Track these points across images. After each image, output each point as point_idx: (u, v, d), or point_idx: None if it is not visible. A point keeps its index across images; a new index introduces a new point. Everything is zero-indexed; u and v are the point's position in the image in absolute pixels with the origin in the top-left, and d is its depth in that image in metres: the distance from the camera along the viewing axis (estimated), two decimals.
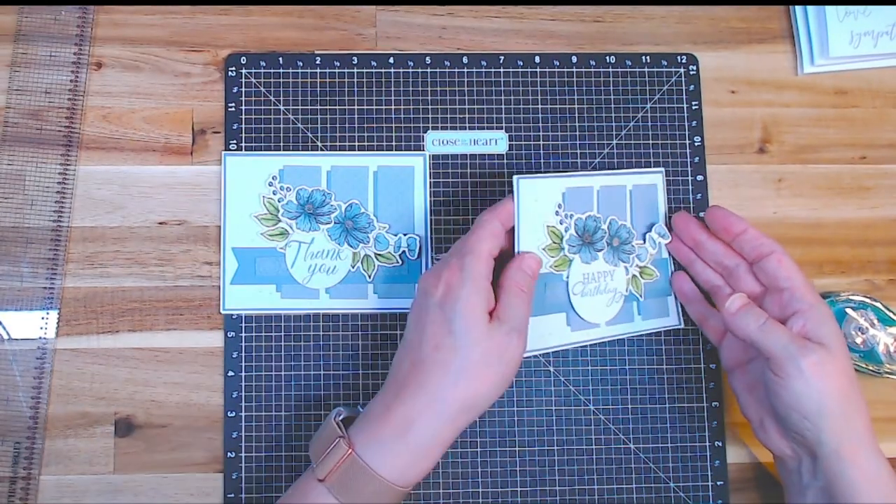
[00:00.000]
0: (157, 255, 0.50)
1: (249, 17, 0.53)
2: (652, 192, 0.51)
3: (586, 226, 0.48)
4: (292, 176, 0.51)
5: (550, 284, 0.47)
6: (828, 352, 0.41)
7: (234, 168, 0.51)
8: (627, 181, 0.50)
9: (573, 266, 0.47)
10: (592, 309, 0.48)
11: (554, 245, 0.46)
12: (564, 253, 0.47)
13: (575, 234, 0.47)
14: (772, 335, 0.41)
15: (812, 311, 0.42)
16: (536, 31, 0.54)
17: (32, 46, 0.52)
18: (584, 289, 0.48)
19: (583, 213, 0.48)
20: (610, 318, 0.49)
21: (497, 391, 0.41)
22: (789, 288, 0.43)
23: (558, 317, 0.47)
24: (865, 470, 0.40)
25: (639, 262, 0.50)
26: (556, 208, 0.47)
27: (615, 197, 0.49)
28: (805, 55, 0.54)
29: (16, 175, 0.50)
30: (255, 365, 0.49)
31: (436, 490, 0.49)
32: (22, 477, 0.48)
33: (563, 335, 0.48)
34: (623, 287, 0.49)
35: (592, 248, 0.48)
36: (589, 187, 0.48)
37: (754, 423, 0.45)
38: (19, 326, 0.49)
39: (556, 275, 0.47)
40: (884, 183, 0.54)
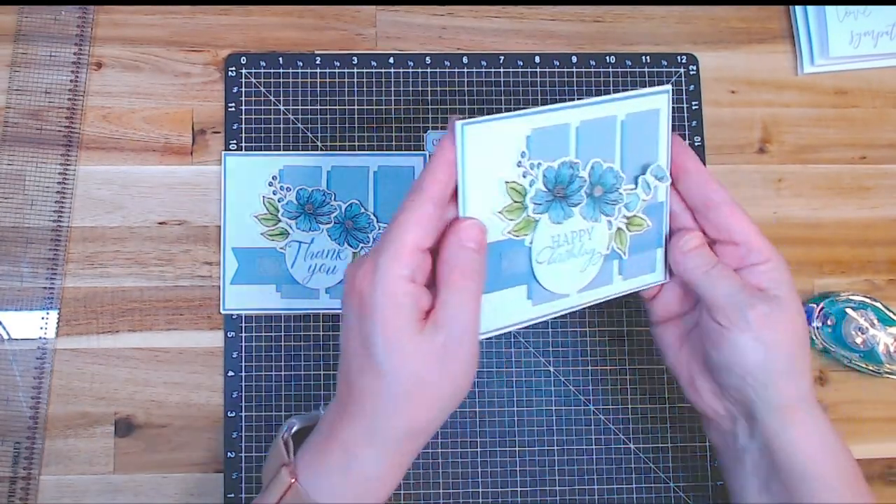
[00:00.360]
0: (157, 255, 0.50)
1: (249, 17, 0.53)
2: (652, 121, 0.39)
3: (559, 176, 0.37)
4: (292, 176, 0.51)
5: (507, 254, 0.37)
6: (779, 304, 0.37)
7: (234, 168, 0.51)
8: (619, 109, 0.38)
9: (539, 228, 0.38)
10: (562, 277, 0.39)
11: (515, 205, 0.37)
12: (528, 214, 0.37)
13: (543, 189, 0.37)
14: (721, 280, 0.38)
15: (768, 265, 0.38)
16: (536, 31, 0.54)
17: (32, 46, 0.52)
18: (552, 255, 0.38)
19: (554, 161, 0.37)
20: (584, 284, 0.40)
21: (444, 412, 0.34)
22: (745, 242, 0.38)
23: (517, 290, 0.38)
24: (807, 429, 0.37)
25: (626, 213, 0.40)
26: (519, 158, 0.36)
27: (601, 133, 0.38)
28: (805, 55, 0.54)
29: (16, 175, 0.50)
30: (255, 365, 0.49)
31: (436, 490, 0.49)
32: (22, 477, 0.48)
33: (523, 311, 0.38)
34: (604, 246, 0.39)
35: (566, 203, 0.38)
36: (564, 125, 0.37)
37: (683, 380, 0.41)
38: (19, 326, 0.49)
39: (516, 241, 0.37)
40: (884, 183, 0.54)
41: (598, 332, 0.50)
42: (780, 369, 0.37)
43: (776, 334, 0.37)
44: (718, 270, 0.38)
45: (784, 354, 0.37)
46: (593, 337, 0.50)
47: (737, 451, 0.39)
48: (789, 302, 0.37)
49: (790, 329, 0.37)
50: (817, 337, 0.50)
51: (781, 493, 0.37)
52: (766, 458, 0.38)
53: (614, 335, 0.50)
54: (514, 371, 0.50)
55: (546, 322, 0.50)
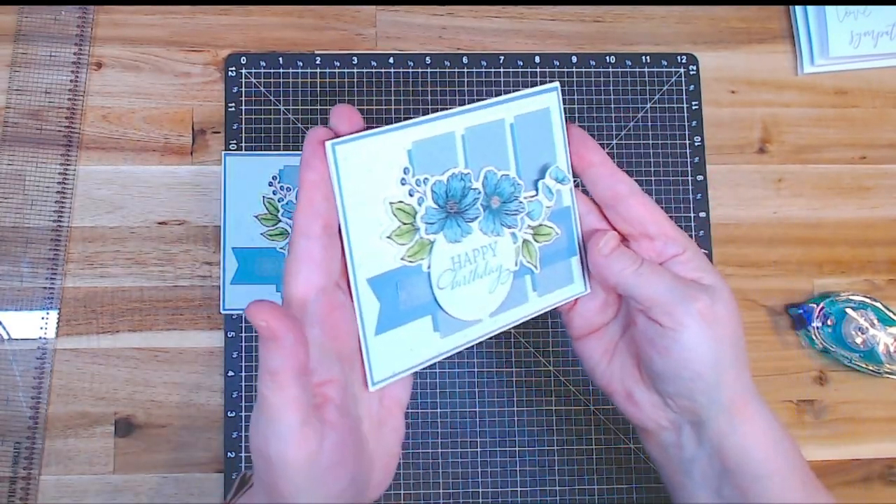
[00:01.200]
0: (157, 255, 0.50)
1: (249, 17, 0.53)
2: (543, 122, 0.36)
3: (449, 189, 0.34)
4: (292, 176, 0.51)
5: (404, 283, 0.33)
6: (715, 292, 0.34)
7: (234, 168, 0.51)
8: (505, 112, 0.35)
9: (435, 251, 0.33)
10: (469, 302, 0.35)
11: (405, 228, 0.33)
12: (420, 235, 0.33)
13: (434, 206, 0.33)
14: (653, 277, 0.34)
15: (689, 254, 0.35)
16: (536, 31, 0.54)
17: (32, 46, 0.52)
18: (454, 277, 0.34)
19: (443, 174, 0.34)
20: (495, 307, 0.35)
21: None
22: (660, 233, 0.35)
23: (421, 323, 0.34)
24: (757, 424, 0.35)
25: (531, 222, 0.36)
26: (402, 175, 0.32)
27: (490, 138, 0.35)
28: (805, 55, 0.54)
29: (16, 175, 0.50)
30: (255, 365, 0.49)
31: (436, 490, 0.49)
32: (22, 477, 0.48)
33: (430, 345, 0.34)
34: (511, 261, 0.35)
35: (462, 219, 0.34)
36: (448, 134, 0.34)
37: (619, 396, 0.37)
38: (19, 326, 0.49)
39: (412, 267, 0.33)
40: (884, 183, 0.54)
41: None
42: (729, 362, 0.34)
43: (722, 326, 0.34)
44: (648, 268, 0.34)
45: (731, 345, 0.34)
46: None
47: (682, 462, 0.37)
48: (722, 288, 0.35)
49: (731, 317, 0.34)
50: (817, 337, 0.50)
51: (734, 496, 0.35)
52: (716, 464, 0.35)
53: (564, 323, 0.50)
54: (514, 371, 0.50)
55: (546, 322, 0.50)
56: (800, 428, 0.51)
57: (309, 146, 0.29)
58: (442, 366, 0.50)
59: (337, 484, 0.29)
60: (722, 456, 0.35)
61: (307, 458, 0.27)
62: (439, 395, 0.50)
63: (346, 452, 0.29)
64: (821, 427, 0.51)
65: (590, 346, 0.38)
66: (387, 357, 0.33)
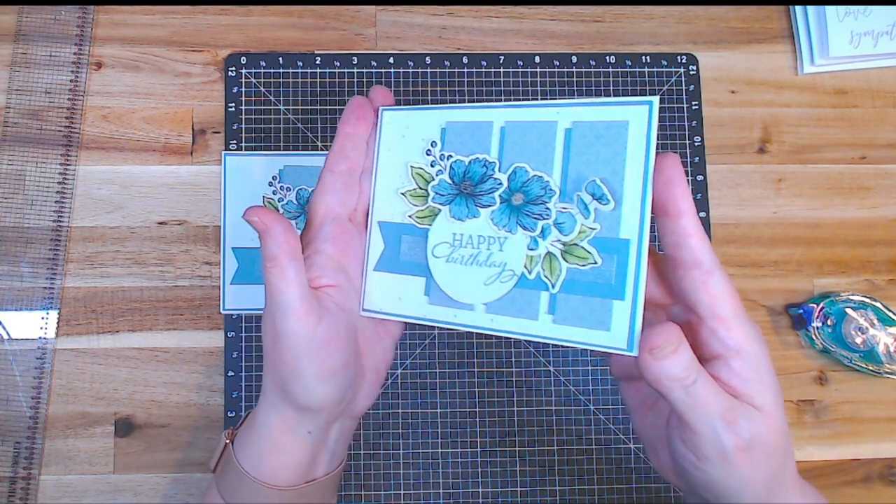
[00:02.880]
0: (157, 255, 0.50)
1: (249, 17, 0.53)
2: (616, 137, 0.31)
3: (468, 171, 0.34)
4: (292, 176, 0.51)
5: (407, 239, 0.36)
6: (761, 427, 0.29)
7: (234, 168, 0.50)
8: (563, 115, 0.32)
9: (438, 220, 0.35)
10: (460, 282, 0.35)
11: (419, 191, 0.36)
12: (430, 202, 0.35)
13: (448, 181, 0.35)
14: (703, 403, 0.28)
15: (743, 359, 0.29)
16: (536, 31, 0.54)
17: (32, 46, 0.52)
18: (451, 253, 0.35)
19: (467, 156, 0.35)
20: (490, 300, 0.34)
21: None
22: (713, 318, 0.29)
23: (415, 281, 0.36)
24: None
25: (560, 236, 0.32)
26: (429, 146, 0.35)
27: (534, 138, 0.33)
28: (805, 55, 0.54)
29: (16, 175, 0.50)
30: (256, 365, 0.49)
31: (436, 490, 0.49)
32: (22, 477, 0.48)
33: (419, 306, 0.35)
34: (518, 263, 0.33)
35: (472, 202, 0.34)
36: (486, 122, 0.34)
37: (647, 445, 0.34)
38: (19, 326, 0.49)
39: (418, 228, 0.36)
40: (884, 183, 0.54)
41: None
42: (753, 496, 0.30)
43: (756, 469, 0.29)
44: (703, 386, 0.28)
45: (761, 485, 0.30)
46: None
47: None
48: (774, 415, 0.29)
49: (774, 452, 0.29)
50: (817, 337, 0.50)
51: None
52: None
53: None
54: (514, 371, 0.50)
55: None
56: (800, 428, 0.51)
57: (351, 106, 0.36)
58: (442, 366, 0.50)
59: (330, 360, 0.33)
60: None
61: (306, 330, 0.33)
62: (439, 395, 0.50)
63: (340, 335, 0.34)
64: (821, 427, 0.51)
65: (630, 389, 0.35)
66: (379, 293, 0.36)
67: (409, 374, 0.50)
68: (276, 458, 0.35)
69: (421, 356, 0.50)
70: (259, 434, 0.36)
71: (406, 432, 0.49)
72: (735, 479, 0.29)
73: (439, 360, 0.50)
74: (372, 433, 0.49)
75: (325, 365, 0.33)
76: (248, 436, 0.36)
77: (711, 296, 0.29)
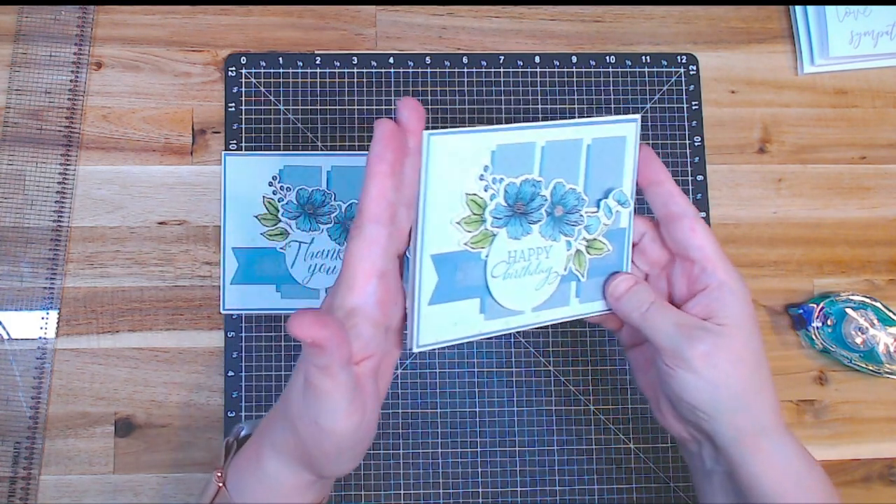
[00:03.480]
0: (157, 255, 0.50)
1: (249, 17, 0.53)
2: (618, 148, 0.39)
3: (520, 192, 0.37)
4: (292, 176, 0.51)
5: (462, 265, 0.37)
6: (722, 337, 0.35)
7: (234, 168, 0.51)
8: (586, 133, 0.38)
9: (496, 242, 0.37)
10: (516, 294, 0.38)
11: (473, 217, 0.36)
12: (486, 227, 0.37)
13: (503, 204, 0.37)
14: (656, 322, 0.36)
15: (718, 290, 0.36)
16: (536, 31, 0.54)
17: (32, 46, 0.52)
18: (507, 270, 0.38)
19: (517, 177, 0.37)
20: (538, 303, 0.39)
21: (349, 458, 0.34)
22: (700, 259, 0.36)
23: (470, 303, 0.37)
24: (770, 459, 0.36)
25: (587, 235, 0.39)
26: (482, 171, 0.36)
27: (566, 154, 0.38)
28: (805, 55, 0.54)
29: (16, 175, 0.50)
30: (255, 365, 0.49)
31: (436, 490, 0.49)
32: (22, 477, 0.48)
33: (474, 324, 0.38)
34: (561, 266, 0.39)
35: (526, 220, 0.38)
36: (530, 143, 0.37)
37: (652, 402, 0.40)
38: (19, 326, 0.49)
39: (472, 253, 0.37)
40: (884, 183, 0.54)
41: (598, 332, 0.50)
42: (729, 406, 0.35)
43: (719, 372, 0.35)
44: (655, 310, 0.36)
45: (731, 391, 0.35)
46: (593, 337, 0.50)
47: (705, 471, 0.38)
48: (736, 330, 0.35)
49: (738, 362, 0.35)
50: (817, 337, 0.50)
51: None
52: (733, 482, 0.37)
53: (614, 336, 0.50)
54: (514, 371, 0.50)
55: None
56: (800, 428, 0.51)
57: (381, 140, 0.31)
58: (442, 366, 0.50)
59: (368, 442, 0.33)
60: (735, 478, 0.36)
61: (354, 427, 0.31)
62: (439, 395, 0.50)
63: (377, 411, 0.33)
64: (821, 427, 0.51)
65: (634, 355, 0.41)
66: (434, 325, 0.36)
67: (409, 374, 0.50)
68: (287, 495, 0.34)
69: (421, 356, 0.50)
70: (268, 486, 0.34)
71: (406, 432, 0.49)
72: (704, 383, 0.35)
73: (439, 360, 0.50)
74: None
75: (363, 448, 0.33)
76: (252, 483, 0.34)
77: (700, 239, 0.36)
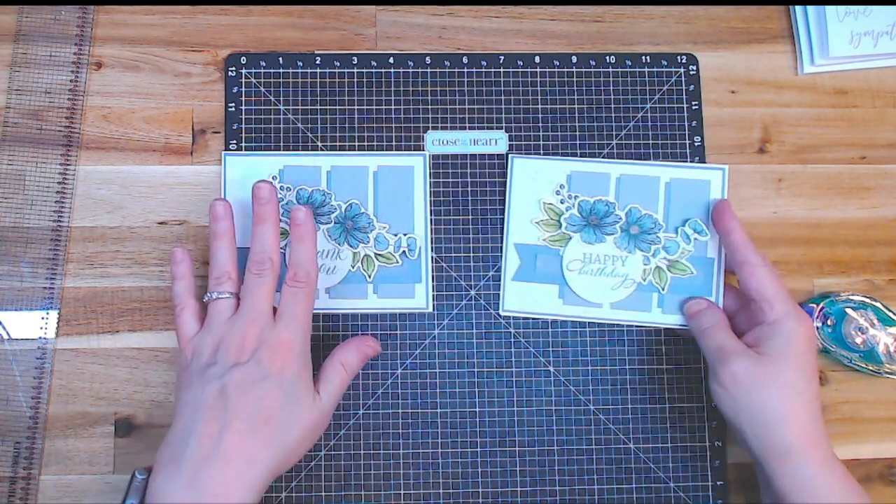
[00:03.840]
0: (157, 255, 0.50)
1: (249, 17, 0.53)
2: (702, 189, 0.50)
3: (594, 209, 0.48)
4: (292, 176, 0.51)
5: (541, 256, 0.49)
6: (755, 363, 0.42)
7: (234, 168, 0.50)
8: (662, 172, 0.49)
9: (571, 243, 0.48)
10: (591, 288, 0.48)
11: (551, 221, 0.48)
12: (562, 230, 0.48)
13: (577, 215, 0.48)
14: (708, 340, 0.45)
15: (769, 326, 0.43)
16: (536, 31, 0.54)
17: (32, 46, 0.52)
18: (582, 267, 0.48)
19: (591, 196, 0.49)
20: (616, 300, 0.49)
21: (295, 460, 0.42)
22: (757, 301, 0.44)
23: (549, 287, 0.49)
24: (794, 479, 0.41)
25: (667, 255, 0.49)
26: (557, 188, 0.49)
27: (643, 187, 0.49)
28: (805, 55, 0.54)
29: (16, 175, 0.50)
30: None
31: (436, 490, 0.49)
32: (22, 477, 0.48)
33: (553, 306, 0.49)
34: (638, 275, 0.49)
35: (599, 231, 0.48)
36: (604, 174, 0.49)
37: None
38: (19, 326, 0.49)
39: (551, 248, 0.49)
40: (884, 183, 0.54)
41: (598, 332, 0.50)
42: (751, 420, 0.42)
43: (741, 391, 0.42)
44: (711, 331, 0.45)
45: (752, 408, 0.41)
46: (593, 337, 0.50)
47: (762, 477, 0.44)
48: (773, 360, 0.42)
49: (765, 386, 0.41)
50: (817, 337, 0.50)
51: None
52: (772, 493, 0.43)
53: (614, 336, 0.50)
54: (514, 371, 0.50)
55: (546, 322, 0.50)
56: None
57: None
58: (442, 366, 0.50)
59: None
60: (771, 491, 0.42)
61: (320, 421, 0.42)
62: (439, 395, 0.50)
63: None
64: None
65: None
66: (516, 298, 0.49)
67: (409, 374, 0.50)
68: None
69: (421, 356, 0.50)
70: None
71: (406, 432, 0.49)
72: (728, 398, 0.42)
73: (439, 360, 0.50)
74: (372, 433, 0.49)
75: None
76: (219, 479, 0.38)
77: (757, 283, 0.44)
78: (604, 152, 0.52)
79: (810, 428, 0.41)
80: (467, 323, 0.50)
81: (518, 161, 0.48)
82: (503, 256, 0.49)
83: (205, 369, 0.40)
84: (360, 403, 0.49)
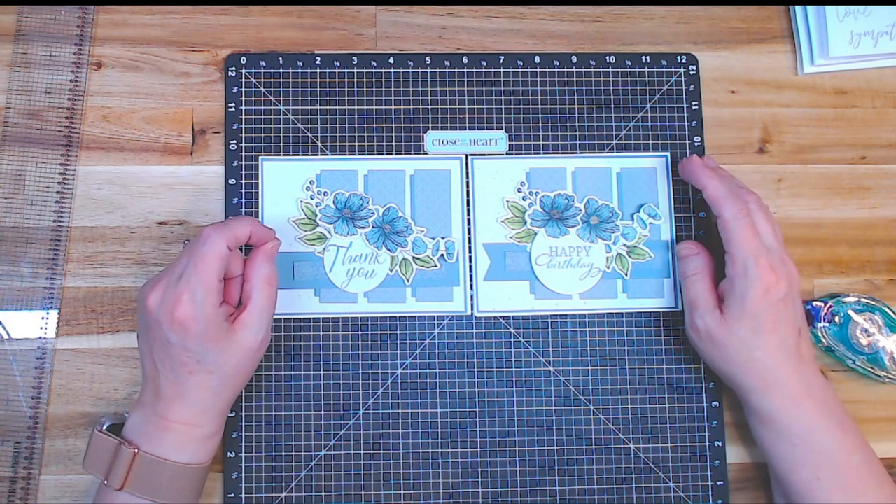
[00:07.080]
0: (157, 255, 0.50)
1: (249, 17, 0.53)
2: (650, 175, 0.51)
3: (555, 203, 0.50)
4: (329, 180, 0.51)
5: (510, 254, 0.50)
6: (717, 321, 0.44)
7: (271, 173, 0.50)
8: (612, 163, 0.51)
9: (537, 239, 0.50)
10: (560, 280, 0.50)
11: (515, 218, 0.50)
12: (527, 227, 0.50)
13: (540, 210, 0.50)
14: (685, 287, 0.47)
15: (729, 282, 0.45)
16: (536, 31, 0.54)
17: (32, 46, 0.52)
18: (550, 261, 0.50)
19: (551, 192, 0.50)
20: (584, 290, 0.50)
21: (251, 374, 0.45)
22: (729, 252, 0.45)
23: (520, 284, 0.50)
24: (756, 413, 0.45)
25: (625, 242, 0.50)
26: (518, 186, 0.50)
27: (597, 178, 0.51)
28: (805, 55, 0.54)
29: (16, 175, 0.50)
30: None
31: (436, 490, 0.49)
32: (22, 477, 0.48)
33: (527, 302, 0.50)
34: (602, 263, 0.50)
35: (562, 224, 0.50)
36: (560, 168, 0.51)
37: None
38: (19, 326, 0.49)
39: (518, 245, 0.50)
40: (884, 183, 0.54)
41: (598, 332, 0.50)
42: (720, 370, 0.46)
43: (712, 346, 0.45)
44: (691, 279, 0.47)
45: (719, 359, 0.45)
46: (593, 337, 0.50)
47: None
48: (730, 319, 0.44)
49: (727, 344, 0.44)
50: (823, 335, 0.50)
51: None
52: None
53: (614, 335, 0.51)
54: (514, 371, 0.50)
55: (546, 322, 0.50)
56: None
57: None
58: (442, 366, 0.50)
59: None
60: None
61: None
62: (439, 395, 0.50)
63: None
64: None
65: None
66: (490, 297, 0.50)
67: (409, 374, 0.50)
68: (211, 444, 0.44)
69: (421, 356, 0.50)
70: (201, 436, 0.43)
71: (406, 432, 0.49)
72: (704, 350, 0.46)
73: (439, 360, 0.50)
74: (372, 433, 0.49)
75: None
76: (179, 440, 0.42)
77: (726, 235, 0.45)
78: (604, 152, 0.52)
79: (768, 375, 0.44)
80: (467, 323, 0.50)
81: (478, 162, 0.50)
82: (473, 258, 0.50)
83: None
84: (360, 403, 0.49)
